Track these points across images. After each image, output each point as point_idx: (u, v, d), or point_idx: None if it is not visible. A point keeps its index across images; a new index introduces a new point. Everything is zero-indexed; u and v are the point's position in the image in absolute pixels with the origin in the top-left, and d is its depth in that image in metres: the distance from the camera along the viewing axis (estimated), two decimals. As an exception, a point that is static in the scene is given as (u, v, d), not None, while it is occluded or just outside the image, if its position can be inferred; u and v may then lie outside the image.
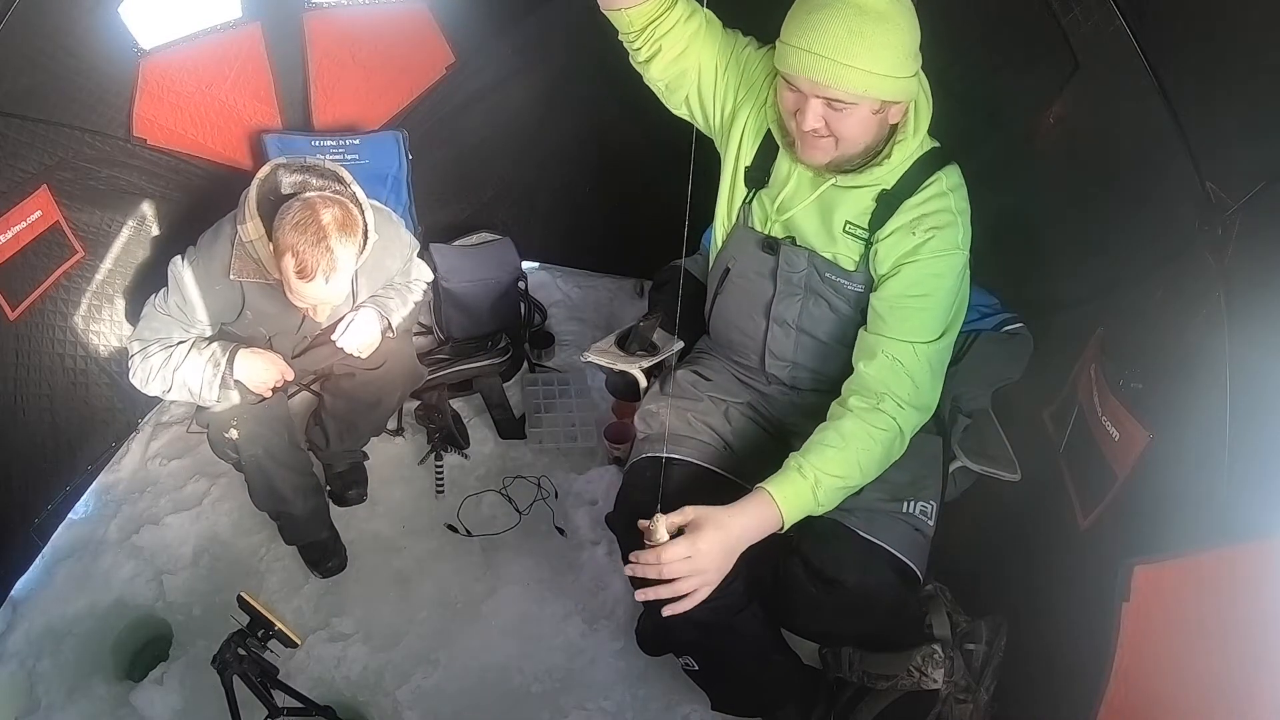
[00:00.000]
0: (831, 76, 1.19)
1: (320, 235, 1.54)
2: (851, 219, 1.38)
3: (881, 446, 1.32)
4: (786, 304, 1.49)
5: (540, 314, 2.76)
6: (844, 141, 1.29)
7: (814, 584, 1.42)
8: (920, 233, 1.32)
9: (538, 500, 2.25)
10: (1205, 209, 1.13)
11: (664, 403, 1.60)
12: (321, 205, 1.56)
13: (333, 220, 1.56)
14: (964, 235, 1.34)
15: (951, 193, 1.34)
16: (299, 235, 1.53)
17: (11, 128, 1.64)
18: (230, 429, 1.80)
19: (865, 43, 1.17)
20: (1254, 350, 1.03)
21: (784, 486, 1.28)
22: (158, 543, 2.06)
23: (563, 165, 2.62)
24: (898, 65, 1.21)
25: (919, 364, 1.34)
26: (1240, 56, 1.07)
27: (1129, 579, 1.13)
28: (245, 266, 1.69)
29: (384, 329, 1.88)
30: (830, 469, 1.28)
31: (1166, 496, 1.17)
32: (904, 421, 1.34)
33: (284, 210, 1.57)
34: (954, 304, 1.37)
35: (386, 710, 1.80)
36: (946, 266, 1.33)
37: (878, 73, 1.19)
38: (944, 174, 1.35)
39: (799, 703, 1.67)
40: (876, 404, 1.32)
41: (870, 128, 1.29)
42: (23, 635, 1.86)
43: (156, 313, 1.72)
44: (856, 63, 1.18)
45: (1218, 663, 0.98)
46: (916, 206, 1.34)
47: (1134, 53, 1.21)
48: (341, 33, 2.20)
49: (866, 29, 1.17)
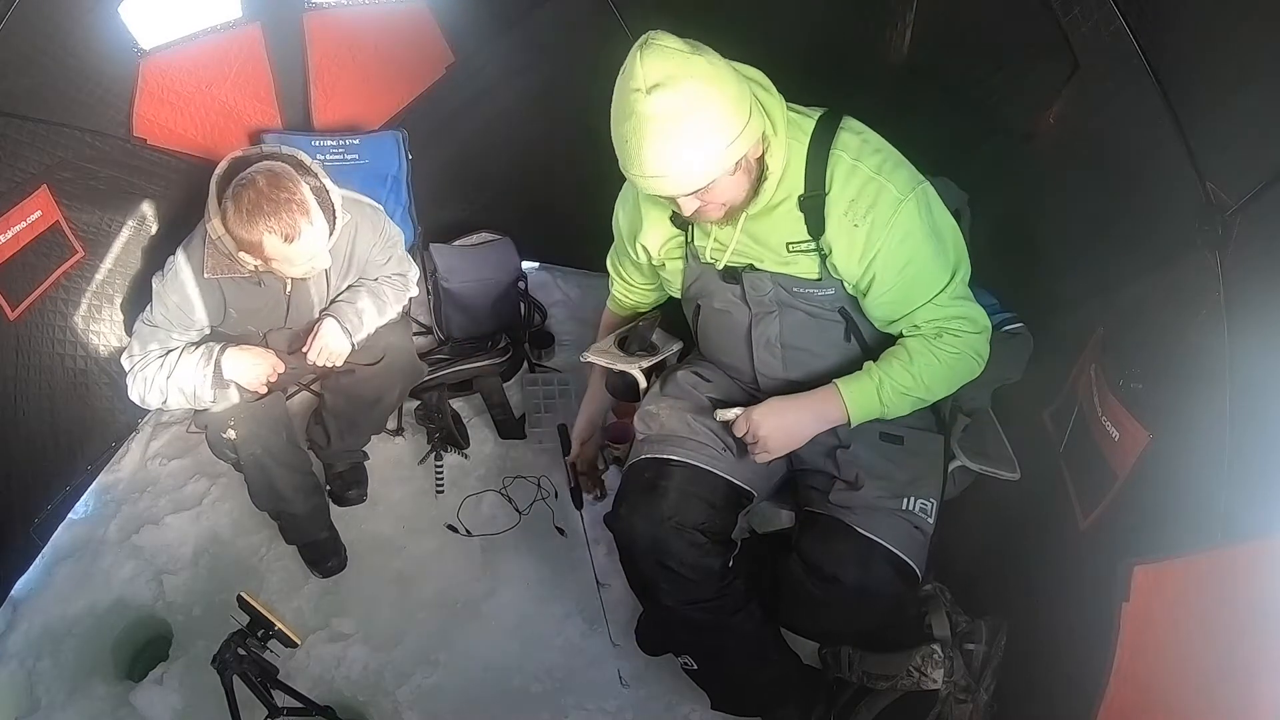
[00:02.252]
0: (675, 189, 1.20)
1: (275, 203, 1.54)
2: (790, 239, 1.35)
3: (946, 365, 1.38)
4: (765, 324, 1.47)
5: (540, 314, 2.76)
6: (729, 200, 1.29)
7: (813, 581, 1.42)
8: (861, 221, 1.29)
9: (538, 500, 2.25)
10: (1205, 209, 1.13)
11: (664, 403, 1.60)
12: (252, 181, 1.56)
13: (266, 184, 1.55)
14: (900, 184, 1.29)
15: (860, 160, 1.29)
16: (248, 216, 1.54)
17: (11, 128, 1.64)
18: (228, 429, 1.80)
19: (682, 151, 1.15)
20: (1254, 350, 1.03)
21: (850, 381, 1.40)
22: (158, 543, 2.06)
23: (563, 165, 2.62)
24: (720, 141, 1.17)
25: (953, 305, 1.37)
26: (1240, 56, 1.06)
27: (1129, 579, 1.13)
28: (219, 263, 1.71)
29: (352, 337, 1.87)
30: (896, 375, 1.37)
31: (1166, 496, 1.17)
32: (969, 346, 1.39)
33: (225, 204, 1.58)
34: (941, 242, 1.34)
35: (386, 710, 1.80)
36: (907, 225, 1.30)
37: (708, 160, 1.18)
38: (839, 146, 1.30)
39: (798, 702, 1.67)
40: (937, 334, 1.38)
41: (742, 181, 1.27)
42: (23, 635, 1.86)
43: (144, 328, 1.75)
44: (686, 169, 1.17)
45: (1218, 663, 0.98)
46: (841, 195, 1.30)
47: (1134, 53, 1.21)
48: (341, 33, 2.20)
49: (678, 134, 1.14)
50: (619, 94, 1.18)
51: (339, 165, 2.27)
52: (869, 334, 1.47)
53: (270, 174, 1.57)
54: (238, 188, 1.57)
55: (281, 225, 1.55)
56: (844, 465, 1.48)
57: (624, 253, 1.64)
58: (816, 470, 1.54)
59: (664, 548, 1.44)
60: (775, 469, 1.61)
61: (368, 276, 1.96)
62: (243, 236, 1.58)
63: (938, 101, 1.34)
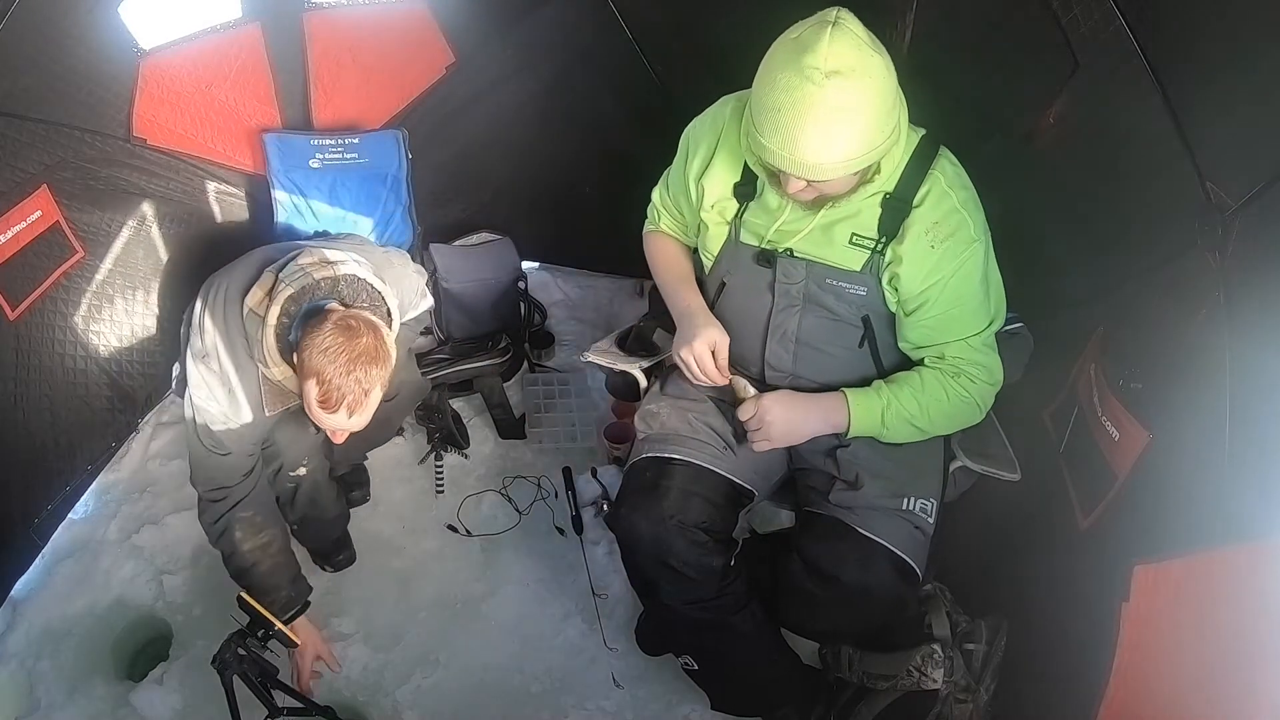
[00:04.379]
0: (810, 174, 1.19)
1: (350, 366, 1.36)
2: (858, 231, 1.35)
3: (953, 405, 1.41)
4: (785, 316, 1.46)
5: (540, 314, 2.76)
6: (829, 192, 1.29)
7: (813, 581, 1.42)
8: (938, 244, 1.31)
9: (538, 500, 2.25)
10: (1205, 209, 1.13)
11: (664, 403, 1.60)
12: (356, 331, 1.38)
13: (365, 351, 1.38)
14: (976, 225, 1.33)
15: (952, 189, 1.32)
16: (328, 362, 1.36)
17: (11, 128, 1.64)
18: (300, 468, 1.81)
19: (839, 142, 1.15)
20: (1254, 350, 1.03)
21: (859, 394, 1.43)
22: (158, 543, 2.06)
23: (563, 165, 2.62)
24: (874, 141, 1.18)
25: (980, 350, 1.41)
26: (1240, 56, 1.06)
27: (1129, 579, 1.13)
28: (277, 399, 1.56)
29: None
30: (904, 400, 1.40)
31: (1166, 496, 1.17)
32: (979, 394, 1.42)
33: (315, 327, 1.39)
34: (989, 290, 1.39)
35: (386, 710, 1.80)
36: (971, 265, 1.34)
37: (855, 158, 1.17)
38: (939, 169, 1.33)
39: (798, 702, 1.67)
40: (955, 373, 1.41)
41: (853, 180, 1.28)
42: (23, 635, 1.86)
43: (204, 452, 1.59)
44: (833, 159, 1.16)
45: (1218, 663, 0.98)
46: (928, 214, 1.31)
47: (1134, 53, 1.21)
48: (341, 33, 2.20)
49: (839, 130, 1.13)
50: (785, 59, 1.14)
51: (339, 164, 2.27)
52: (884, 346, 1.46)
53: (374, 341, 1.39)
54: (339, 326, 1.37)
55: (327, 389, 1.38)
56: (844, 465, 1.48)
57: (679, 180, 1.54)
58: (816, 470, 1.54)
59: (665, 546, 1.44)
60: (775, 468, 1.61)
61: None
62: (303, 361, 1.39)
63: (938, 101, 1.34)
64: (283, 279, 1.46)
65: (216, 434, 1.55)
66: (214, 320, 1.51)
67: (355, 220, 2.36)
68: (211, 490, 1.62)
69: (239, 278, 1.53)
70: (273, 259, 1.53)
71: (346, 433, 1.51)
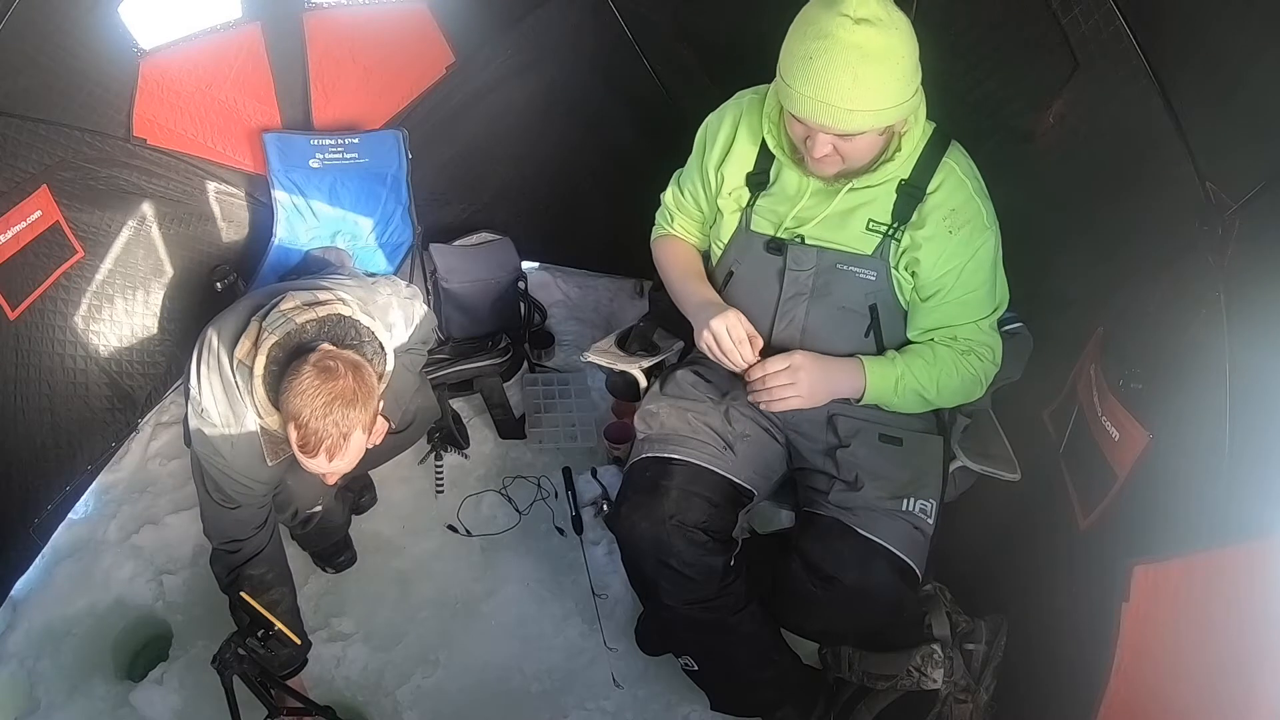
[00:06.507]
0: (840, 122, 1.20)
1: (327, 409, 1.32)
2: (874, 217, 1.39)
3: (961, 380, 1.45)
4: (792, 304, 1.47)
5: (540, 314, 2.76)
6: (853, 160, 1.31)
7: (813, 581, 1.42)
8: (956, 230, 1.36)
9: (537, 500, 2.25)
10: (1205, 209, 1.13)
11: (664, 403, 1.60)
12: (335, 372, 1.34)
13: (342, 393, 1.33)
14: (988, 214, 1.39)
15: (967, 178, 1.37)
16: (304, 405, 1.32)
17: (11, 128, 1.64)
18: (317, 505, 1.82)
19: (870, 86, 1.17)
20: (1254, 350, 1.03)
21: (875, 361, 1.45)
22: (158, 543, 2.06)
23: (563, 165, 2.62)
24: (901, 94, 1.21)
25: (988, 332, 1.47)
26: (1240, 56, 1.06)
27: (1129, 579, 1.13)
28: (277, 448, 1.53)
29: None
30: (917, 371, 1.44)
31: (1166, 496, 1.17)
32: (984, 372, 1.47)
33: (295, 370, 1.35)
34: (996, 277, 1.44)
35: (386, 710, 1.80)
36: (985, 252, 1.38)
37: (884, 108, 1.20)
38: (952, 159, 1.37)
39: (798, 703, 1.67)
40: (966, 351, 1.46)
41: (878, 145, 1.31)
42: (23, 635, 1.86)
43: (215, 508, 1.59)
44: (863, 105, 1.18)
45: (1218, 663, 0.98)
46: (945, 201, 1.36)
47: (1134, 53, 1.21)
48: (341, 33, 2.20)
49: (869, 72, 1.16)
50: (817, 13, 1.18)
51: (339, 164, 2.27)
52: (889, 336, 1.47)
53: (355, 382, 1.36)
54: (317, 367, 1.34)
55: (305, 433, 1.35)
56: (844, 465, 1.48)
57: (696, 174, 1.55)
58: (816, 470, 1.54)
59: (666, 546, 1.44)
60: (775, 468, 1.61)
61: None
62: (283, 404, 1.36)
63: (938, 101, 1.35)
64: (266, 327, 1.43)
65: (224, 488, 1.55)
66: (209, 374, 1.49)
67: (355, 220, 2.36)
68: (225, 543, 1.63)
69: (228, 328, 1.50)
70: (260, 305, 1.50)
71: (337, 475, 1.48)
